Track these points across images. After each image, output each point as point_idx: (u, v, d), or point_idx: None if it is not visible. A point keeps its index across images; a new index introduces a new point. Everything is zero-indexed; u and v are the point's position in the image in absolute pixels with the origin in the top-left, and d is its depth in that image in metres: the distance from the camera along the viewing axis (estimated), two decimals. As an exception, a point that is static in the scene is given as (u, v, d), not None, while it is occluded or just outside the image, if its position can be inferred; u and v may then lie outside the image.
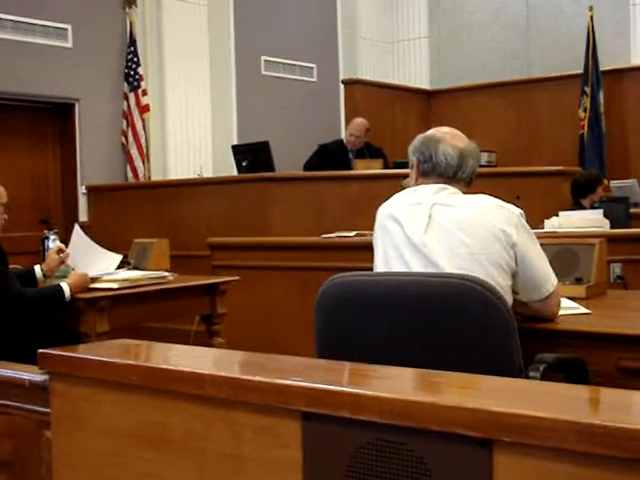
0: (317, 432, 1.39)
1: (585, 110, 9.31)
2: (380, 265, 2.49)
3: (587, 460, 1.12)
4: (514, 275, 2.36)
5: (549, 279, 2.44)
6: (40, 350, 1.82)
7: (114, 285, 4.08)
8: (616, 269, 4.38)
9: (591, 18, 9.43)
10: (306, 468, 1.40)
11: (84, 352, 1.80)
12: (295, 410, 1.40)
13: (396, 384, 1.46)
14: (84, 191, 8.17)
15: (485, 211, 2.38)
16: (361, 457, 1.33)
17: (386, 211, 2.53)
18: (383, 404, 1.30)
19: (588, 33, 9.44)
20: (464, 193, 2.53)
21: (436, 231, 2.37)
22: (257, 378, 1.45)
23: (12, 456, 1.92)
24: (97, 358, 1.71)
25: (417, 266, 2.35)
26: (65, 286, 3.85)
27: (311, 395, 1.38)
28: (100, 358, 1.71)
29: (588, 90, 9.29)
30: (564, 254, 3.09)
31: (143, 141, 8.38)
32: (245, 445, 1.47)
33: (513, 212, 2.39)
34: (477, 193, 2.49)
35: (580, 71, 9.42)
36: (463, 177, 2.55)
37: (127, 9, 8.45)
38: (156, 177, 8.54)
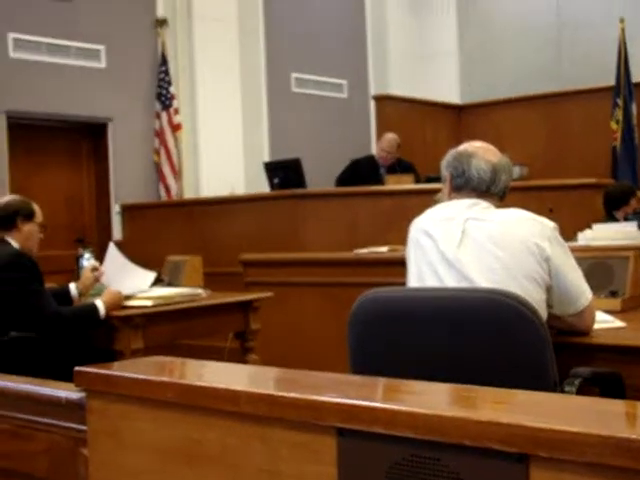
0: (352, 448, 1.39)
1: (617, 122, 9.25)
2: (413, 280, 2.49)
3: (624, 475, 1.11)
4: (548, 289, 2.35)
5: (584, 293, 2.42)
6: (76, 368, 1.83)
7: (148, 303, 4.11)
8: (651, 282, 4.32)
9: (622, 30, 9.37)
10: (341, 484, 1.40)
11: (119, 369, 1.82)
12: (330, 426, 1.40)
13: (430, 399, 1.45)
14: (118, 210, 8.24)
15: (518, 225, 2.37)
16: (396, 473, 1.33)
17: (419, 226, 2.53)
18: (418, 420, 1.29)
19: (619, 45, 9.38)
20: (497, 207, 2.52)
21: (469, 246, 2.37)
22: (292, 395, 1.45)
23: (49, 473, 1.93)
24: (133, 375, 1.72)
25: (451, 281, 2.35)
26: (100, 304, 3.88)
27: (346, 411, 1.38)
28: (136, 375, 1.72)
29: (620, 102, 9.23)
30: (598, 267, 3.07)
31: (175, 159, 8.45)
32: (281, 461, 1.47)
33: (546, 225, 2.38)
34: (510, 207, 2.48)
35: (612, 83, 9.36)
36: (496, 191, 2.54)
37: (159, 29, 8.56)
38: (188, 195, 8.61)
